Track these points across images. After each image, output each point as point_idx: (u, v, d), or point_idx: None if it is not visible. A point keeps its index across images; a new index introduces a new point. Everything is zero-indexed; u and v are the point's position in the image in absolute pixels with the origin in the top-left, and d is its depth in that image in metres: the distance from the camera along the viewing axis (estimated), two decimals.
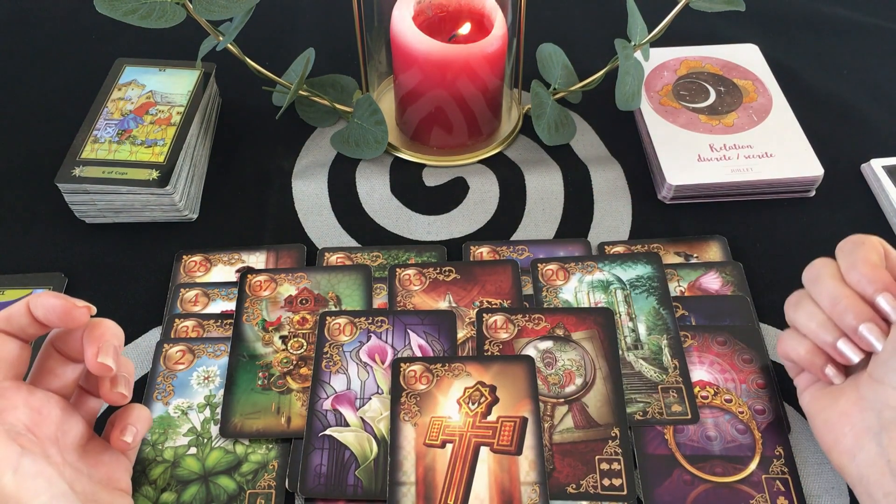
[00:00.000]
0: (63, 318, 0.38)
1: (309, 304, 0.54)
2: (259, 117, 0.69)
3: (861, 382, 0.42)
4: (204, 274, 0.57)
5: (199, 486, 0.46)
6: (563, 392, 0.49)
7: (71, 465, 0.39)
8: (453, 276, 0.55)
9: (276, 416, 0.49)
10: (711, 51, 0.71)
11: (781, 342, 0.45)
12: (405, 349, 0.51)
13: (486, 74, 0.60)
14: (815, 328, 0.42)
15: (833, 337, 0.41)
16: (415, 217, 0.61)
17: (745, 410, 0.48)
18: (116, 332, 0.40)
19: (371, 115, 0.62)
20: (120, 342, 0.40)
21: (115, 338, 0.39)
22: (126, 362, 0.41)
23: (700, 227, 0.60)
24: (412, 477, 0.45)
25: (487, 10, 0.60)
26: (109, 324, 0.40)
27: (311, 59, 0.64)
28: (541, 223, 0.60)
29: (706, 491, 0.45)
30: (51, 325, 0.39)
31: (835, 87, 0.71)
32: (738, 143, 0.63)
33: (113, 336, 0.39)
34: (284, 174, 0.64)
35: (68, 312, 0.38)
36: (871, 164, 0.63)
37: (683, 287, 0.55)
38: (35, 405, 0.38)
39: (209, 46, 0.59)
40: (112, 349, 0.39)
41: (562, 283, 0.55)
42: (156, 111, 0.62)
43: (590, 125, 0.68)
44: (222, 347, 0.52)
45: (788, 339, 0.45)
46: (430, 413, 0.48)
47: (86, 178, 0.57)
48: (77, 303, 0.38)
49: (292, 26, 0.78)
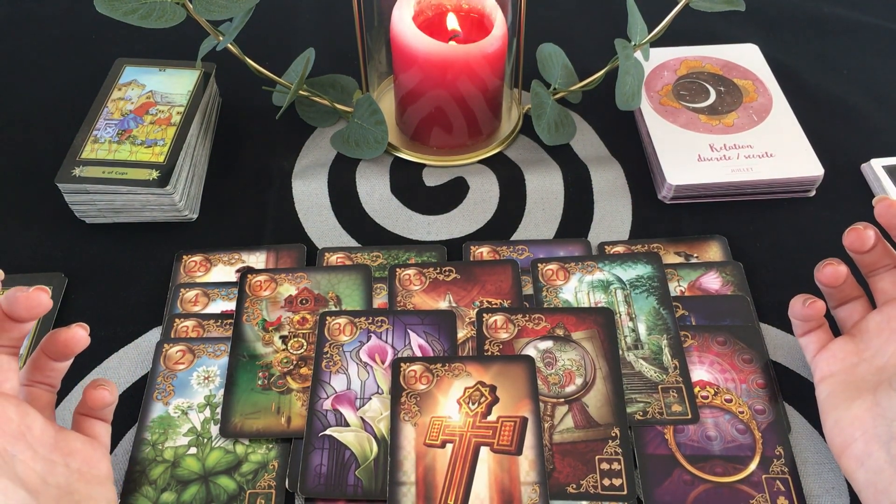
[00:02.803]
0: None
1: (309, 304, 0.54)
2: (259, 117, 0.69)
3: (879, 389, 0.42)
4: (204, 274, 0.57)
5: (199, 486, 0.46)
6: (563, 392, 0.49)
7: (44, 457, 0.38)
8: (453, 276, 0.55)
9: (276, 416, 0.49)
10: (711, 51, 0.71)
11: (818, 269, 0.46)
12: (405, 349, 0.51)
13: (486, 74, 0.60)
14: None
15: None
16: (415, 217, 0.61)
17: (745, 410, 0.48)
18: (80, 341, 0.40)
19: (371, 115, 0.62)
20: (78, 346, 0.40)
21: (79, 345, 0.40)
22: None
23: (700, 227, 0.60)
24: (412, 477, 0.45)
25: (487, 10, 0.60)
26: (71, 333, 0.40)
27: (311, 59, 0.64)
28: (541, 223, 0.60)
29: (706, 491, 0.45)
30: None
31: (835, 87, 0.71)
32: (738, 143, 0.63)
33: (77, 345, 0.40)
34: (284, 174, 0.64)
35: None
36: (871, 164, 0.63)
37: (683, 287, 0.55)
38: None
39: (209, 46, 0.59)
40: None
41: (562, 283, 0.55)
42: (156, 111, 0.62)
43: (590, 125, 0.68)
44: (222, 347, 0.52)
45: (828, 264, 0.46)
46: (430, 413, 0.48)
47: (86, 178, 0.57)
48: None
49: (292, 26, 0.78)
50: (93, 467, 0.40)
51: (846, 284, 0.46)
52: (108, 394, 0.41)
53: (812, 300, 0.46)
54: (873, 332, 0.45)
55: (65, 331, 0.40)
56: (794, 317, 0.47)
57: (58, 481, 0.38)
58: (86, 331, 0.40)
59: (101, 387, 0.41)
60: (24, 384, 0.41)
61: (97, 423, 0.42)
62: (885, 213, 0.44)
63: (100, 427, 0.42)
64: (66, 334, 0.40)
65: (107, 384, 0.42)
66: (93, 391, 0.41)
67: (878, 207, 0.44)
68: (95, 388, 0.41)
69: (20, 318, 0.38)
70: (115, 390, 0.42)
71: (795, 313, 0.47)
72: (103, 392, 0.41)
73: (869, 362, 0.44)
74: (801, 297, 0.47)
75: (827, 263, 0.46)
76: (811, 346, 0.47)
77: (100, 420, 0.42)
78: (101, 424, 0.43)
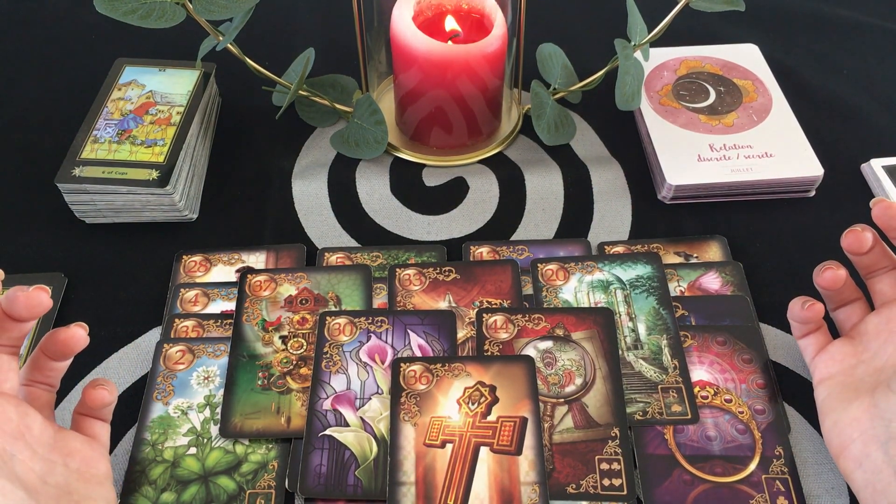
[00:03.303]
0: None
1: (309, 304, 0.54)
2: (259, 117, 0.69)
3: (878, 391, 0.42)
4: (204, 274, 0.57)
5: (199, 486, 0.46)
6: (563, 392, 0.49)
7: (42, 457, 0.38)
8: (453, 276, 0.55)
9: (276, 416, 0.49)
10: (711, 51, 0.71)
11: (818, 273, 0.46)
12: (405, 349, 0.51)
13: (486, 74, 0.60)
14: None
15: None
16: (415, 217, 0.61)
17: (745, 410, 0.48)
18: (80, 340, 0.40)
19: (371, 115, 0.62)
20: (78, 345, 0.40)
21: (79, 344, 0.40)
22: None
23: (700, 227, 0.60)
24: (412, 477, 0.45)
25: (487, 10, 0.60)
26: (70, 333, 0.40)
27: (311, 59, 0.64)
28: (541, 223, 0.60)
29: (706, 491, 0.45)
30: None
31: (835, 87, 0.71)
32: (738, 143, 0.63)
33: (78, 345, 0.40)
34: (284, 174, 0.64)
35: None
36: (871, 164, 0.63)
37: (683, 287, 0.55)
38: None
39: (209, 46, 0.59)
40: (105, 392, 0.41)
41: (562, 283, 0.55)
42: (156, 111, 0.62)
43: (590, 125, 0.68)
44: (222, 347, 0.52)
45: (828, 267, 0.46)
46: (430, 413, 0.48)
47: (86, 178, 0.57)
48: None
49: (292, 26, 0.78)
50: (92, 467, 0.40)
51: (845, 287, 0.46)
52: (107, 393, 0.41)
53: (811, 302, 0.46)
54: (871, 334, 0.45)
55: (64, 330, 0.40)
56: (792, 319, 0.47)
57: (57, 481, 0.38)
58: (85, 330, 0.40)
59: (100, 386, 0.41)
60: (24, 384, 0.41)
61: (96, 423, 0.42)
62: (882, 215, 0.44)
63: (99, 427, 0.42)
64: (65, 334, 0.40)
65: (106, 384, 0.42)
66: (92, 391, 0.41)
67: (875, 210, 0.44)
68: (95, 388, 0.41)
69: (20, 318, 0.38)
70: (114, 390, 0.42)
71: (794, 315, 0.47)
72: (102, 392, 0.41)
73: (867, 364, 0.44)
74: (799, 299, 0.47)
75: (826, 267, 0.46)
76: (810, 348, 0.47)
77: (99, 420, 0.43)
78: (101, 424, 0.43)
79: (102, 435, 0.43)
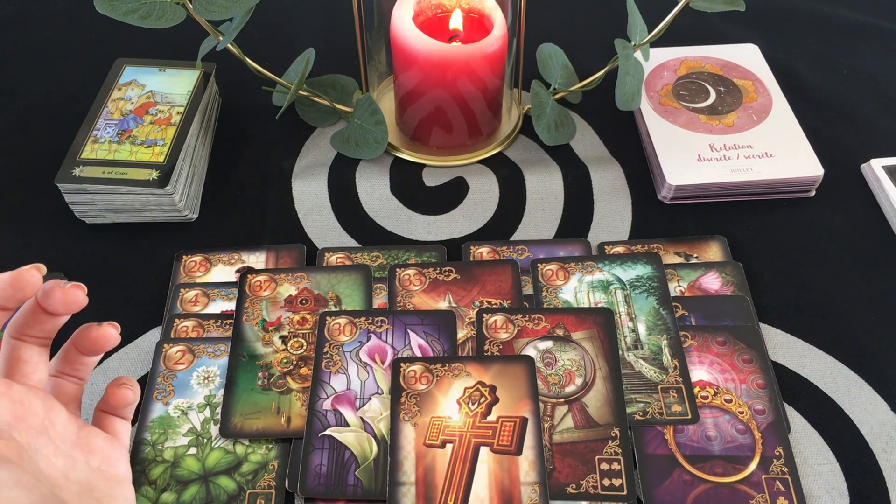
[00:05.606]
0: (13, 284, 0.36)
1: (309, 304, 0.54)
2: (259, 117, 0.69)
3: None
4: (204, 274, 0.57)
5: (199, 486, 0.46)
6: (563, 392, 0.49)
7: (65, 453, 0.38)
8: (453, 276, 0.55)
9: (276, 416, 0.49)
10: (711, 51, 0.71)
11: None
12: (405, 349, 0.51)
13: (486, 74, 0.60)
14: None
15: None
16: (415, 217, 0.61)
17: (745, 410, 0.48)
18: (110, 338, 0.40)
19: (371, 115, 0.62)
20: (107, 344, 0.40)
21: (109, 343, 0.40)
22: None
23: (700, 227, 0.60)
24: (412, 477, 0.45)
25: (487, 10, 0.60)
26: (102, 331, 0.40)
27: (311, 59, 0.64)
28: (541, 223, 0.60)
29: (706, 491, 0.45)
30: (6, 302, 0.37)
31: (835, 87, 0.71)
32: (738, 143, 0.63)
33: (108, 343, 0.39)
34: (284, 174, 0.64)
35: (17, 278, 0.36)
36: (871, 164, 0.63)
37: (683, 287, 0.55)
38: (16, 397, 0.37)
39: (209, 46, 0.59)
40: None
41: (562, 283, 0.55)
42: (156, 111, 0.62)
43: (590, 125, 0.68)
44: (222, 347, 0.52)
45: None
46: (430, 413, 0.48)
47: (86, 178, 0.57)
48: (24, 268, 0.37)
49: (292, 26, 0.78)
50: (111, 466, 0.40)
51: None
52: (131, 393, 0.41)
53: None
54: None
55: (96, 328, 0.40)
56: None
57: (78, 478, 0.38)
58: (117, 330, 0.40)
59: (123, 385, 0.41)
60: (53, 374, 0.41)
61: (118, 421, 0.42)
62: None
63: (120, 425, 0.42)
64: (97, 332, 0.39)
65: (130, 383, 0.41)
66: (116, 390, 0.41)
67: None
68: (119, 387, 0.41)
69: (55, 313, 0.38)
70: (137, 389, 0.42)
71: None
72: (127, 391, 0.41)
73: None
74: None
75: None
76: None
77: (121, 418, 0.42)
78: (122, 422, 0.43)
79: (123, 433, 0.42)
